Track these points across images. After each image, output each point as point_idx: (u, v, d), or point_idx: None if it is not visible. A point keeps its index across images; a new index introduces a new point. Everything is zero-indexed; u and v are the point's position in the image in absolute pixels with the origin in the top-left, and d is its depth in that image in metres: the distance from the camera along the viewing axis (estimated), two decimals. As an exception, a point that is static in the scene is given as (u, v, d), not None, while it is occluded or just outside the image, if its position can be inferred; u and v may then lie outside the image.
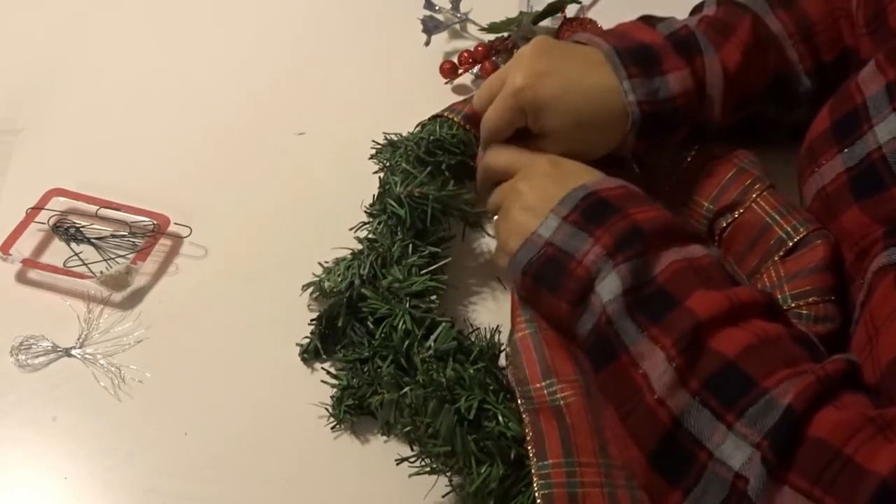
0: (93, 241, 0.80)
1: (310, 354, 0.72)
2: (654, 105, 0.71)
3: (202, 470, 0.67)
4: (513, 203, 0.69)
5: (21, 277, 0.79)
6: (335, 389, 0.69)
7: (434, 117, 0.80)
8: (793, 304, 0.65)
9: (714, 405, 0.54)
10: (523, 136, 0.74)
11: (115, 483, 0.66)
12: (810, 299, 0.65)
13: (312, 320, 0.73)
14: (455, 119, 0.79)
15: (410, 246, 0.72)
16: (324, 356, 0.72)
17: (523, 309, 0.68)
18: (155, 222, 0.80)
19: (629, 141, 0.72)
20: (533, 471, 0.59)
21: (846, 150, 0.64)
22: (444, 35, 0.99)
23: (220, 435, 0.69)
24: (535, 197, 0.68)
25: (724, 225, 0.73)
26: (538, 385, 0.64)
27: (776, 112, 0.79)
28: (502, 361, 0.69)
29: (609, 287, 0.60)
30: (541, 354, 0.65)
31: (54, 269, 0.78)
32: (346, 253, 0.74)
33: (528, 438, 0.61)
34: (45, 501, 0.66)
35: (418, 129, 0.80)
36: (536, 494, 0.59)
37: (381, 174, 0.78)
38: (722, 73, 0.72)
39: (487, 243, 0.80)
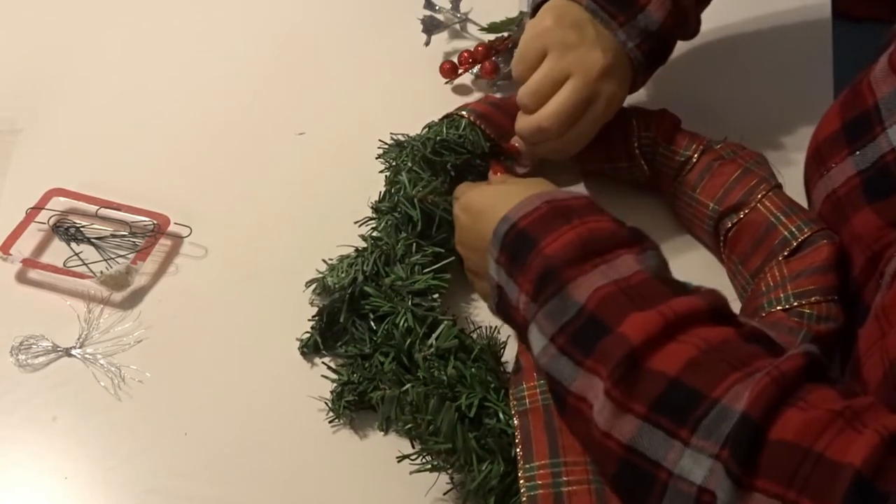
0: (93, 241, 0.80)
1: (309, 349, 0.72)
2: (649, 41, 0.75)
3: (202, 470, 0.67)
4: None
5: (21, 277, 0.79)
6: (335, 385, 0.69)
7: (444, 117, 0.80)
8: (795, 304, 0.65)
9: (665, 424, 0.51)
10: None
11: (115, 483, 0.67)
12: (813, 299, 0.65)
13: (313, 317, 0.73)
14: (464, 115, 0.79)
15: (414, 245, 0.72)
16: (323, 351, 0.72)
17: None
18: (155, 222, 0.80)
19: (637, 81, 0.77)
20: (520, 473, 0.60)
21: (858, 153, 0.63)
22: (444, 35, 0.98)
23: (220, 435, 0.69)
24: (462, 242, 0.71)
25: (730, 225, 0.73)
26: (532, 384, 0.64)
27: None
28: (503, 359, 0.69)
29: (534, 341, 0.58)
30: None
31: (54, 269, 0.78)
32: (350, 251, 0.74)
33: (517, 440, 0.61)
34: (45, 501, 0.66)
35: (425, 129, 0.80)
36: (522, 497, 0.59)
37: (387, 173, 0.78)
38: None
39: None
